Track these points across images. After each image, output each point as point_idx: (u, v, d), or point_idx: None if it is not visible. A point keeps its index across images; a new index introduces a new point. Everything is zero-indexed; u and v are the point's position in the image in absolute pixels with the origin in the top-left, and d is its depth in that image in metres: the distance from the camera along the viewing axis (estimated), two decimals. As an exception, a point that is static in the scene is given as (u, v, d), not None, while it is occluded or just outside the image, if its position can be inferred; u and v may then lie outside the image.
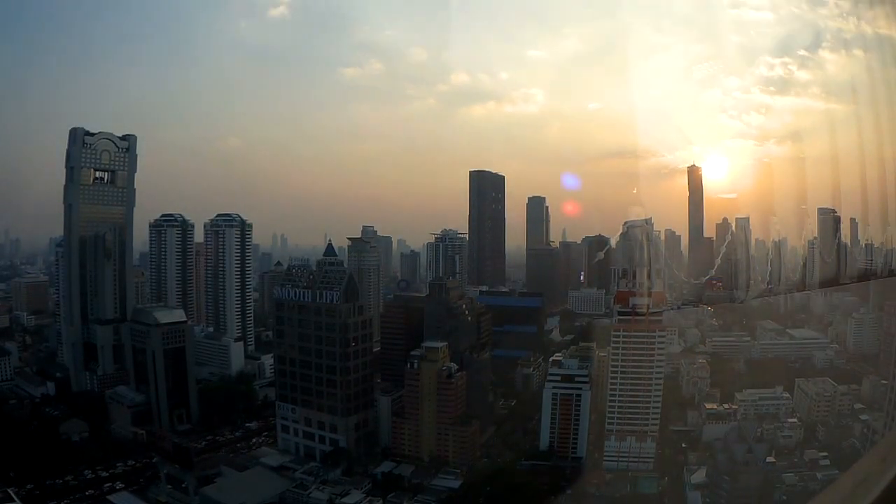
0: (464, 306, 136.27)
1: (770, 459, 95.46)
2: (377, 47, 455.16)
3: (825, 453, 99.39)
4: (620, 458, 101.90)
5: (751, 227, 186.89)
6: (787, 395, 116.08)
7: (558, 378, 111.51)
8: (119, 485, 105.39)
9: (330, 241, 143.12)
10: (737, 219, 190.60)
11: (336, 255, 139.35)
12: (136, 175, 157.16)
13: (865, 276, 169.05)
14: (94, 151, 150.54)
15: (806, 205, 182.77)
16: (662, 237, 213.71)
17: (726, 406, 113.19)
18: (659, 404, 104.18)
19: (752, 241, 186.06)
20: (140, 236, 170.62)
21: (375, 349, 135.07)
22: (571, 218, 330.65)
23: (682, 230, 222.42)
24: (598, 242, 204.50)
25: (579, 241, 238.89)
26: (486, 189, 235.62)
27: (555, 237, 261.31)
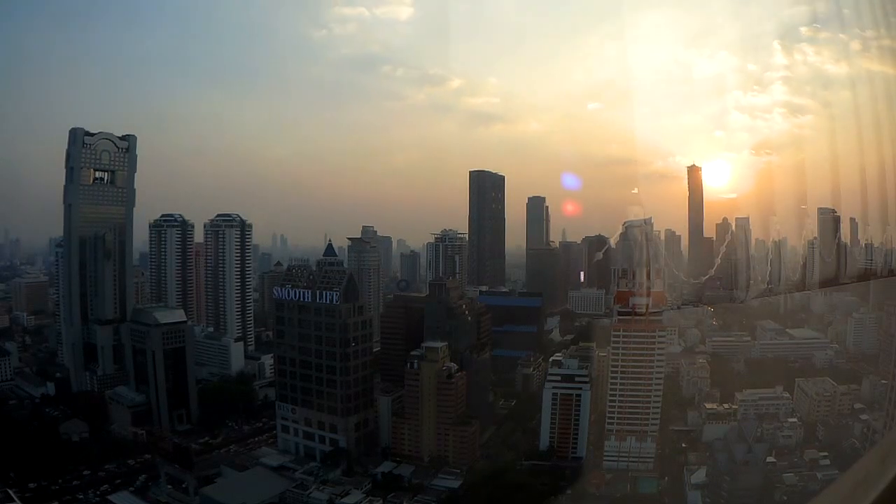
0: (464, 306, 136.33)
1: (770, 459, 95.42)
2: (421, 80, 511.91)
3: (825, 453, 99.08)
4: (620, 458, 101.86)
5: (751, 227, 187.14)
6: (787, 395, 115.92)
7: (558, 378, 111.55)
8: (119, 484, 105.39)
9: (330, 241, 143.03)
10: (737, 219, 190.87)
11: (336, 255, 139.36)
12: (135, 175, 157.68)
13: (865, 276, 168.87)
14: (93, 151, 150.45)
15: (806, 205, 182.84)
16: (662, 237, 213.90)
17: (726, 406, 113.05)
18: (659, 404, 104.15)
19: (752, 241, 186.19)
20: (140, 236, 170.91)
21: (375, 349, 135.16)
22: (572, 218, 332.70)
23: (683, 230, 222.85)
24: (598, 242, 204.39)
25: (579, 241, 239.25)
26: (486, 189, 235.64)
27: (555, 237, 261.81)
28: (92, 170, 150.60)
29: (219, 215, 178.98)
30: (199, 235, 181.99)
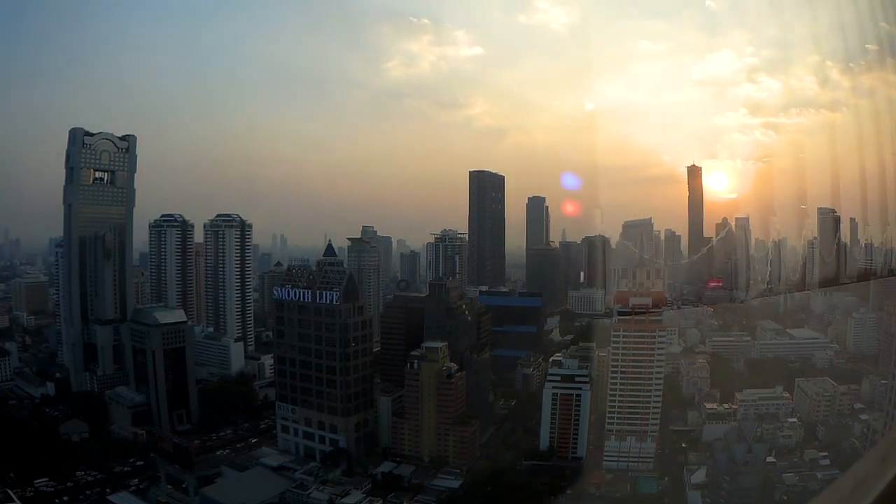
0: (464, 306, 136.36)
1: (770, 459, 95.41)
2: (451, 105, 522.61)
3: (825, 453, 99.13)
4: (620, 458, 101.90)
5: (751, 227, 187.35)
6: (787, 395, 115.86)
7: (558, 378, 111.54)
8: (119, 485, 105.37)
9: (330, 241, 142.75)
10: (737, 219, 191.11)
11: (336, 256, 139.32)
12: (135, 175, 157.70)
13: (865, 276, 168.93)
14: (93, 151, 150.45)
15: (806, 205, 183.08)
16: (662, 237, 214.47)
17: (726, 406, 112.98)
18: (659, 404, 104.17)
19: (752, 241, 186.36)
20: (140, 236, 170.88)
21: (375, 349, 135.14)
22: (574, 218, 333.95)
23: (683, 230, 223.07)
24: (598, 242, 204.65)
25: (579, 241, 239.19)
26: (486, 189, 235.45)
27: (555, 237, 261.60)
28: (92, 170, 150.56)
29: (219, 215, 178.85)
30: (199, 235, 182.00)
